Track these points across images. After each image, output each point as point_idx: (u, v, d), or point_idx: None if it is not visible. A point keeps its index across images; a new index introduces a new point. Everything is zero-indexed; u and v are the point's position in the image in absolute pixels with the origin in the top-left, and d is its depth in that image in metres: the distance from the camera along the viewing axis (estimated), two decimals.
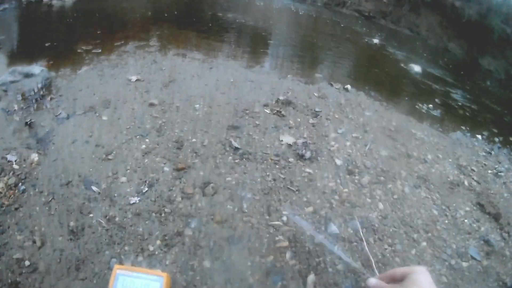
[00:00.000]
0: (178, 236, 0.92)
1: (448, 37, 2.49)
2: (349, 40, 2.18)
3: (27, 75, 1.45)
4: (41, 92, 1.38)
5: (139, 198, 1.00)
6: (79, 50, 1.53)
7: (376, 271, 0.81)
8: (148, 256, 0.88)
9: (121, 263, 0.87)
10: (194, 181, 1.05)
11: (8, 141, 1.20)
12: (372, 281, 0.65)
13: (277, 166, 1.15)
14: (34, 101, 1.36)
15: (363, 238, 0.97)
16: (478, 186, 1.25)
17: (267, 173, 1.12)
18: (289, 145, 1.24)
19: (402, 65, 2.03)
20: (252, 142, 1.21)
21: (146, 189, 1.02)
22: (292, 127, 1.33)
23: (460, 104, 1.74)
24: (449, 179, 1.27)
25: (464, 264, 0.98)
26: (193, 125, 1.23)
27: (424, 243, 1.00)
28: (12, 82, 1.43)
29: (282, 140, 1.25)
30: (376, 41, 2.33)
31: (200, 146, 1.16)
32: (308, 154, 1.21)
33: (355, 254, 0.92)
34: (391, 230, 1.02)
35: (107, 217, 0.96)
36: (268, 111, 1.36)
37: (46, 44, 1.59)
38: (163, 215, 0.96)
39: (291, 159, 1.19)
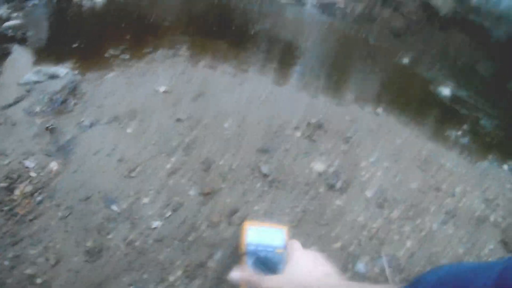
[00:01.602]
0: (200, 267, 0.88)
1: (476, 58, 2.42)
2: (379, 59, 2.13)
3: (52, 76, 1.43)
4: (66, 96, 1.36)
5: (161, 223, 0.96)
6: (106, 55, 1.51)
7: None
8: (167, 287, 0.84)
9: None
10: (221, 208, 1.01)
11: (27, 145, 1.18)
12: (235, 274, 0.64)
13: (306, 197, 1.10)
14: (57, 104, 1.33)
15: (389, 278, 0.92)
16: (504, 222, 1.20)
17: (296, 204, 1.07)
18: (320, 174, 1.20)
19: (431, 87, 1.97)
20: (281, 168, 1.17)
21: (170, 213, 0.98)
22: (323, 153, 1.28)
23: (487, 131, 1.69)
24: (475, 214, 1.22)
25: None
26: (222, 145, 1.20)
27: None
28: (36, 82, 1.41)
29: (312, 168, 1.21)
30: (405, 60, 2.27)
31: (228, 169, 1.13)
32: (339, 184, 1.17)
33: None
34: (417, 269, 0.98)
35: (126, 241, 0.93)
36: (298, 135, 1.32)
37: (74, 45, 1.57)
38: (186, 243, 0.92)
39: (321, 189, 1.15)
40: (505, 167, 1.48)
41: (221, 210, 1.00)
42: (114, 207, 1.00)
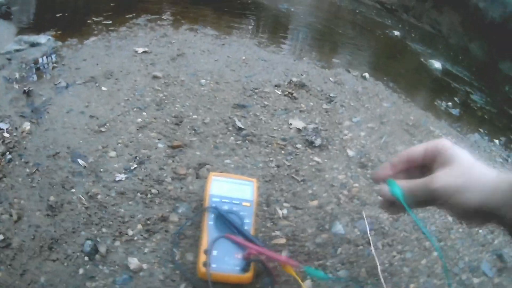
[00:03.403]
0: (162, 221, 0.75)
1: (469, 37, 2.27)
2: (369, 30, 1.98)
3: (33, 44, 1.31)
4: (45, 61, 1.23)
5: (126, 176, 0.84)
6: (89, 21, 1.38)
7: (382, 280, 0.63)
8: (126, 241, 0.72)
9: (95, 245, 0.71)
10: (189, 161, 0.88)
11: (4, 109, 1.07)
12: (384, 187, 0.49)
13: (282, 152, 0.97)
14: (36, 70, 1.21)
15: (371, 242, 0.77)
16: None
17: (271, 158, 0.94)
18: (299, 130, 1.06)
19: (422, 59, 1.82)
20: (258, 123, 1.03)
21: (135, 166, 0.86)
22: (303, 111, 1.14)
23: (479, 106, 1.55)
24: None
25: (475, 281, 0.79)
26: (197, 101, 1.06)
27: (435, 253, 0.80)
28: (17, 50, 1.29)
29: (291, 124, 1.07)
30: (396, 33, 2.12)
31: (201, 123, 0.99)
32: (318, 141, 1.03)
33: (360, 259, 0.74)
34: (402, 235, 0.84)
35: (89, 194, 0.81)
36: (279, 92, 1.18)
37: (57, 15, 1.43)
38: (149, 196, 0.80)
39: (299, 145, 1.01)
40: (497, 141, 1.33)
41: (189, 163, 0.88)
42: (80, 161, 0.88)
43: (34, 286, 0.69)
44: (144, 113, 1.00)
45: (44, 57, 1.25)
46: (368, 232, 0.80)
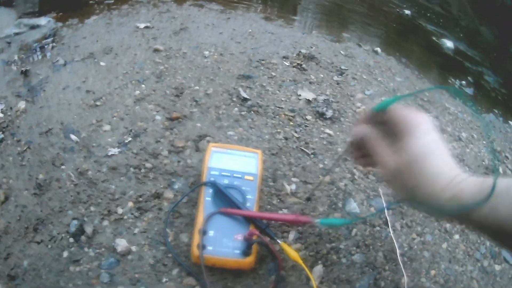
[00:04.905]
0: (155, 198, 0.62)
1: (480, 20, 2.09)
2: (380, 8, 1.80)
3: (33, 27, 1.19)
4: (44, 42, 1.11)
5: (119, 150, 0.71)
6: (91, 1, 1.25)
7: (401, 265, 0.52)
8: (115, 221, 0.59)
9: (81, 225, 0.59)
10: (188, 133, 0.75)
11: (1, 90, 0.95)
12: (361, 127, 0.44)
13: (291, 123, 0.82)
14: (35, 51, 1.09)
15: (389, 223, 0.63)
16: None
17: (278, 130, 0.79)
18: (308, 101, 0.91)
19: (434, 38, 1.65)
20: (264, 94, 0.89)
21: (130, 139, 0.73)
22: (313, 82, 0.99)
23: (492, 86, 1.41)
24: (484, 163, 0.91)
25: (497, 268, 0.65)
26: (199, 72, 0.92)
27: (457, 236, 0.67)
28: (17, 34, 1.17)
29: (300, 95, 0.92)
30: (408, 12, 1.94)
31: (203, 95, 0.85)
32: (329, 113, 0.88)
33: (377, 242, 0.59)
34: (421, 215, 0.69)
35: (79, 170, 0.69)
36: (287, 64, 1.03)
37: None
38: (142, 171, 0.67)
39: (308, 117, 0.86)
40: (511, 122, 1.18)
41: (188, 135, 0.74)
42: (73, 137, 0.76)
43: (17, 270, 0.57)
44: (143, 86, 0.87)
45: (43, 38, 1.13)
46: (386, 211, 0.66)
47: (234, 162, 0.61)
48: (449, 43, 1.67)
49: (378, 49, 1.34)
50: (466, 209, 0.33)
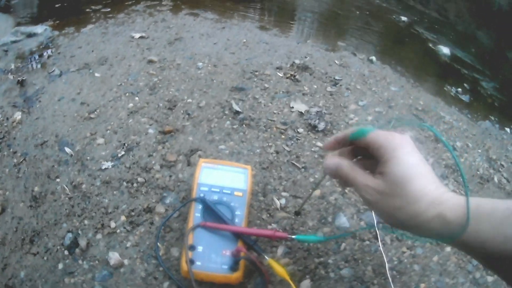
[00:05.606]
0: (147, 212, 0.65)
1: (477, 25, 2.11)
2: (376, 14, 1.83)
3: (30, 35, 1.22)
4: (41, 51, 1.14)
5: (112, 164, 0.74)
6: (87, 10, 1.28)
7: (390, 279, 0.53)
8: (108, 234, 0.62)
9: (76, 238, 0.61)
10: (180, 147, 0.78)
11: None
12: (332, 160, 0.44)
13: (282, 137, 0.85)
14: (31, 60, 1.12)
15: (378, 236, 0.65)
16: (508, 185, 0.91)
17: (270, 144, 0.82)
18: (301, 114, 0.94)
19: (430, 45, 1.67)
20: (257, 107, 0.92)
21: (123, 153, 0.76)
22: (306, 93, 1.02)
23: (488, 93, 1.42)
24: (478, 172, 0.92)
25: (489, 279, 0.66)
26: (192, 84, 0.95)
27: (449, 249, 0.68)
28: (14, 42, 1.20)
29: (292, 107, 0.95)
30: (404, 18, 1.96)
31: (196, 107, 0.88)
32: (322, 125, 0.90)
33: (366, 256, 0.62)
34: None
35: (73, 184, 0.71)
36: (280, 75, 1.06)
37: (56, 5, 1.34)
38: (135, 185, 0.69)
39: (300, 130, 0.89)
40: (508, 130, 1.19)
41: (180, 149, 0.77)
42: (67, 150, 0.78)
43: (14, 281, 0.60)
44: (136, 98, 0.89)
45: (40, 47, 1.16)
46: (376, 225, 0.68)
47: (223, 178, 0.64)
48: (445, 50, 1.69)
49: (373, 58, 1.36)
50: (446, 237, 0.34)
